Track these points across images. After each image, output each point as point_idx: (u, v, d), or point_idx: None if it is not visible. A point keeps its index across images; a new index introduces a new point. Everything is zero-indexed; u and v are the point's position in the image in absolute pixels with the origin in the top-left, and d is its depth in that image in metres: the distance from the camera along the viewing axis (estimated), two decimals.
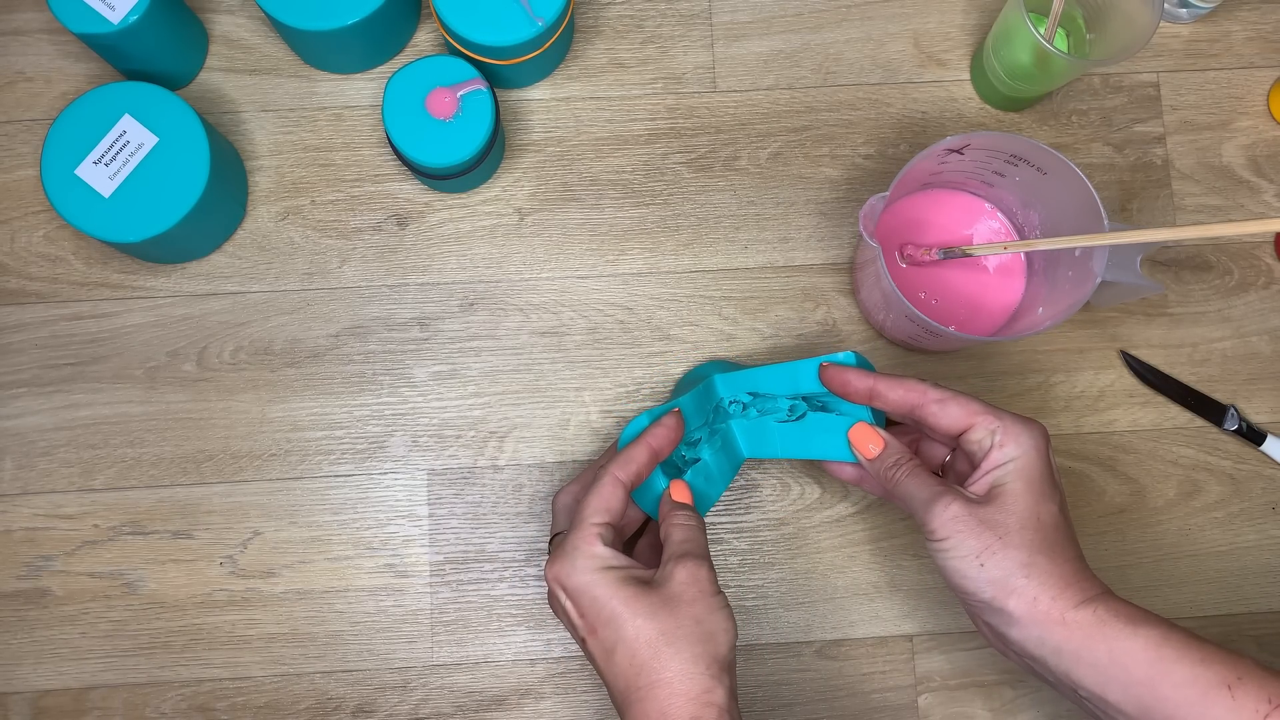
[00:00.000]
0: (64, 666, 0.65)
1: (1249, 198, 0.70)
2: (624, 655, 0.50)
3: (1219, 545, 0.68)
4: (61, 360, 0.67)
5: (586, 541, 0.52)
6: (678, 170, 0.70)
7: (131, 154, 0.62)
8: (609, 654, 0.50)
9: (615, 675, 0.50)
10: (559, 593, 0.52)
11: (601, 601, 0.50)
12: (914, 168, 0.60)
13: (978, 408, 0.53)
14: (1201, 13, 0.71)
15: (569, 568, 0.52)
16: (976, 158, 0.62)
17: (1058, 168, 0.59)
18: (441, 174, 0.64)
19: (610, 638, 0.50)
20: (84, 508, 0.66)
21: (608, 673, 0.51)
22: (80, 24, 0.61)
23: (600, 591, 0.51)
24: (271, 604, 0.65)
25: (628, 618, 0.50)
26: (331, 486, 0.66)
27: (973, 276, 0.67)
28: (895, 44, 0.71)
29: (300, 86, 0.69)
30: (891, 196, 0.60)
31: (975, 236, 0.67)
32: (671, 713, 0.48)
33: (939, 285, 0.67)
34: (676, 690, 0.49)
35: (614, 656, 0.50)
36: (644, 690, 0.49)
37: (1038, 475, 0.51)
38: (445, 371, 0.67)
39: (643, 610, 0.50)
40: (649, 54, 0.71)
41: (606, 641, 0.50)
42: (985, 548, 0.50)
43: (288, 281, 0.68)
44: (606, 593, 0.51)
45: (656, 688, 0.49)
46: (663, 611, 0.50)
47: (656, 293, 0.68)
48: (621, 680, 0.50)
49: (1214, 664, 0.47)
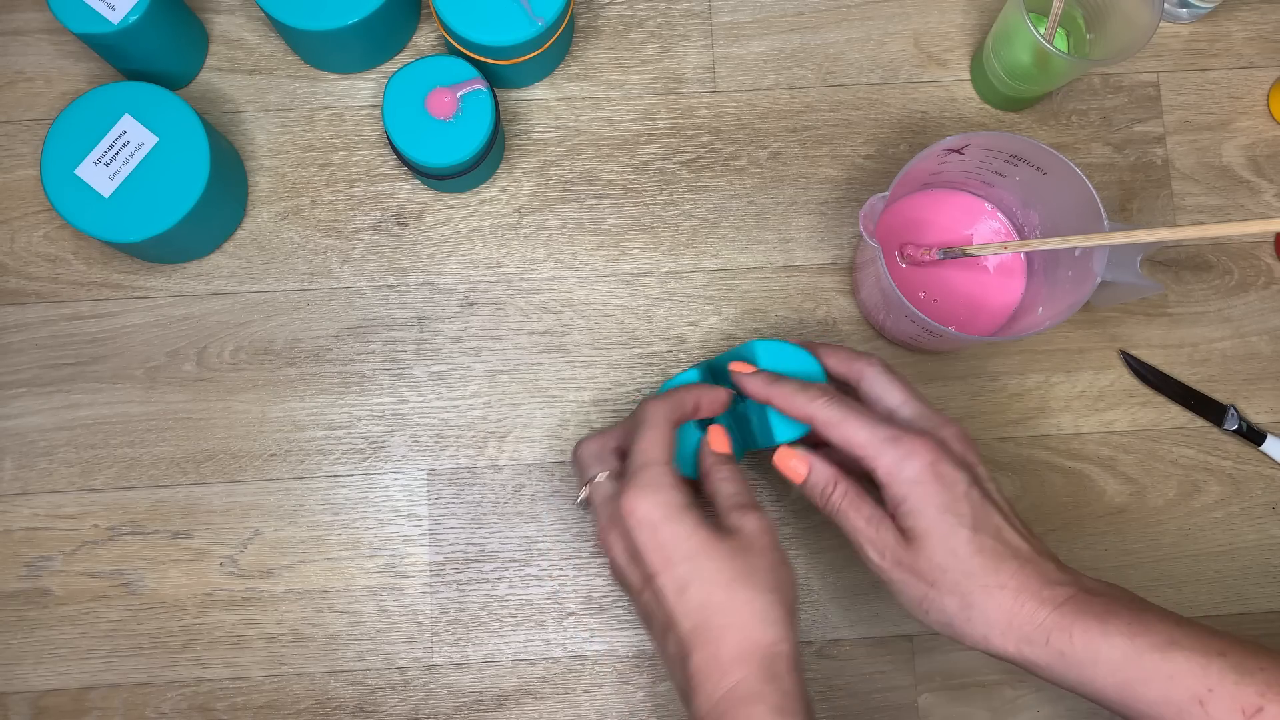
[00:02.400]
0: (64, 666, 0.65)
1: (1249, 198, 0.70)
2: (699, 593, 0.49)
3: (1219, 545, 0.68)
4: (61, 360, 0.67)
5: (667, 479, 0.51)
6: (678, 170, 0.70)
7: (131, 154, 0.62)
8: (682, 590, 0.49)
9: (686, 613, 0.49)
10: (633, 525, 0.51)
11: (682, 537, 0.50)
12: (914, 168, 0.60)
13: (862, 439, 0.51)
14: (1201, 13, 0.71)
15: (650, 501, 0.50)
16: (976, 158, 0.62)
17: (1057, 167, 0.59)
18: (441, 174, 0.64)
19: (686, 574, 0.50)
20: (84, 508, 0.66)
21: (677, 609, 0.50)
22: (80, 24, 0.61)
23: (681, 528, 0.50)
24: (271, 604, 0.65)
25: (707, 557, 0.49)
26: (331, 486, 0.66)
27: (973, 277, 0.67)
28: (895, 44, 0.71)
29: (300, 86, 0.69)
30: (891, 197, 0.60)
31: (975, 236, 0.67)
32: (745, 655, 0.48)
33: (939, 285, 0.67)
34: (750, 635, 0.49)
35: (687, 593, 0.49)
36: (717, 630, 0.49)
37: (934, 508, 0.50)
38: (445, 371, 0.67)
39: (722, 553, 0.50)
40: (649, 54, 0.71)
41: (681, 578, 0.50)
42: (923, 597, 0.50)
43: (288, 281, 0.68)
44: (687, 530, 0.50)
45: (730, 630, 0.49)
46: (739, 557, 0.50)
47: (656, 293, 0.68)
48: (691, 619, 0.49)
49: (1182, 679, 0.46)
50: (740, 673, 0.48)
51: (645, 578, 0.51)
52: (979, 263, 0.67)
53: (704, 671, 0.49)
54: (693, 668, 0.49)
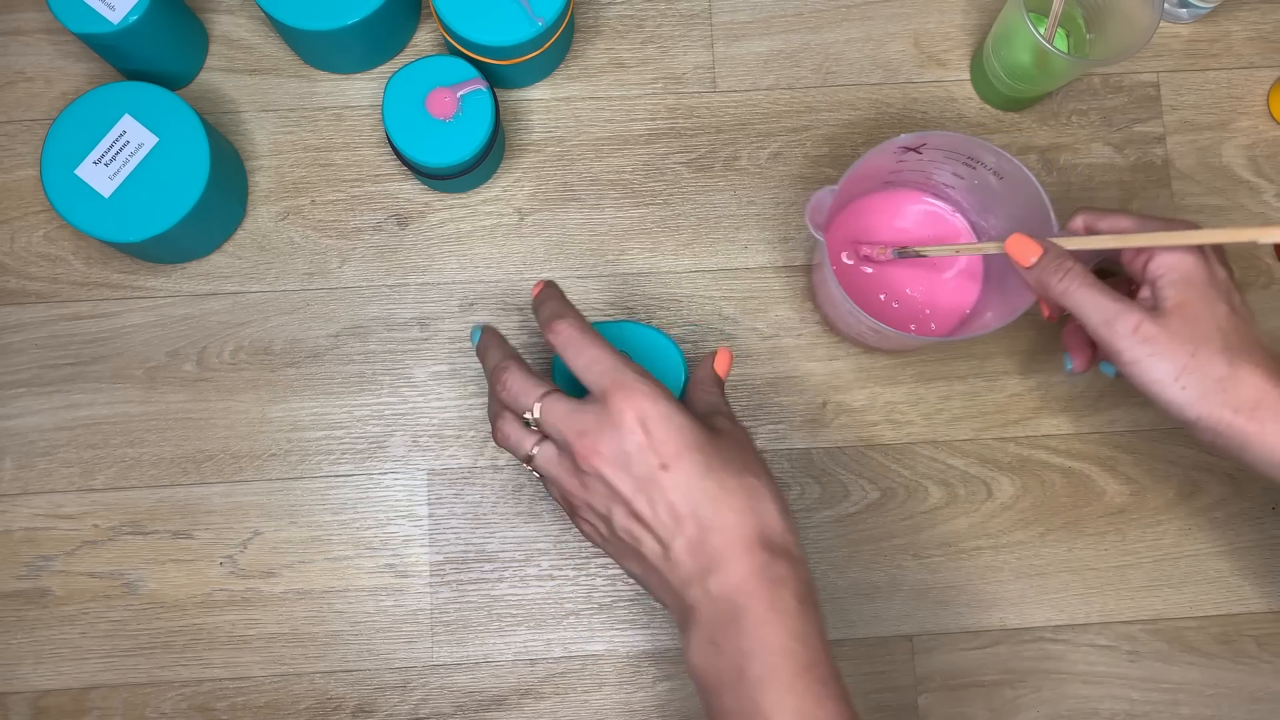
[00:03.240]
0: (64, 666, 0.65)
1: (1249, 198, 0.70)
2: (714, 481, 0.49)
3: (1219, 545, 0.68)
4: (61, 360, 0.67)
5: (651, 379, 0.51)
6: (678, 170, 0.70)
7: (131, 154, 0.62)
8: (699, 478, 0.49)
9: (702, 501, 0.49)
10: (634, 424, 0.49)
11: (689, 430, 0.49)
12: (868, 162, 0.60)
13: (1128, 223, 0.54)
14: (1201, 13, 0.71)
15: (651, 397, 0.50)
16: (934, 158, 0.62)
17: (1012, 172, 0.59)
18: (441, 174, 0.64)
19: (699, 463, 0.49)
20: (84, 508, 0.66)
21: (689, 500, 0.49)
22: (80, 24, 0.61)
23: (685, 420, 0.50)
24: (271, 604, 0.65)
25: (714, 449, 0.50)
26: (331, 486, 0.66)
27: (931, 279, 0.67)
28: (895, 44, 0.71)
29: (300, 86, 0.69)
30: (845, 192, 0.60)
31: (938, 240, 0.67)
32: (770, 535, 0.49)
33: (897, 287, 0.66)
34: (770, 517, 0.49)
35: (704, 481, 0.49)
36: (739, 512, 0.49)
37: (1201, 279, 0.51)
38: (445, 371, 0.67)
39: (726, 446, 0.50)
40: (649, 54, 0.71)
41: (694, 466, 0.49)
42: (1182, 368, 0.51)
43: (288, 281, 0.68)
44: (690, 423, 0.50)
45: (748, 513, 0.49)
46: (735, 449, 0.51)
47: (656, 293, 0.68)
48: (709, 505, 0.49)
49: None
50: (764, 556, 0.48)
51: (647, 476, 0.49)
52: (937, 266, 0.66)
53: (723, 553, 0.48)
54: (711, 550, 0.48)
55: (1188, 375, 0.51)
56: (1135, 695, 0.66)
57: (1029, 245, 0.55)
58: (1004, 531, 0.67)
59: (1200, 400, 0.51)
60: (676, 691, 0.65)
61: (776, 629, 0.47)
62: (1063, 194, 0.70)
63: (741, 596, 0.48)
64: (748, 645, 0.47)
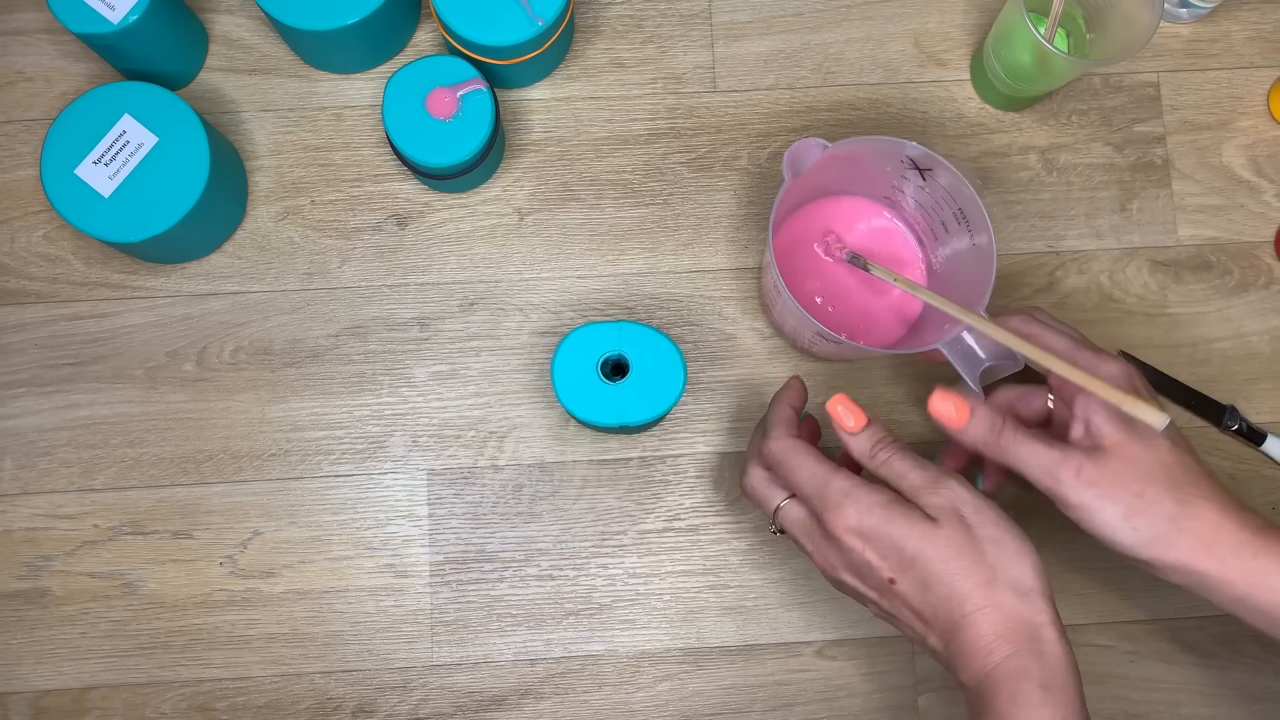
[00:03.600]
0: (64, 666, 0.65)
1: (1249, 198, 0.70)
2: (941, 588, 0.49)
3: None
4: (61, 360, 0.67)
5: (863, 486, 0.50)
6: (678, 170, 0.70)
7: (131, 154, 0.62)
8: (925, 589, 0.49)
9: (935, 608, 0.49)
10: (848, 543, 0.50)
11: (903, 540, 0.49)
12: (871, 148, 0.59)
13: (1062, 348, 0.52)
14: (1201, 13, 0.71)
15: (857, 514, 0.50)
16: (935, 193, 0.61)
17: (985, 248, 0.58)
18: (441, 174, 0.64)
19: (921, 575, 0.49)
20: (84, 508, 0.66)
21: (925, 608, 0.49)
22: (80, 24, 0.61)
23: (897, 529, 0.49)
24: (271, 604, 0.65)
25: (934, 549, 0.49)
26: (331, 486, 0.66)
27: (874, 287, 0.65)
28: (895, 44, 0.71)
29: (300, 86, 0.69)
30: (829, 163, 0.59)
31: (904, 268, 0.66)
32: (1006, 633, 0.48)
33: (836, 291, 0.65)
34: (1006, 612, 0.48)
35: (931, 590, 0.49)
36: (973, 616, 0.48)
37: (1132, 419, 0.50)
38: (445, 371, 0.67)
39: (944, 539, 0.49)
40: (649, 54, 0.71)
41: (918, 579, 0.49)
42: (1130, 509, 0.49)
43: (288, 281, 0.68)
44: (902, 530, 0.49)
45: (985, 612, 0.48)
46: (963, 537, 0.49)
47: (656, 293, 0.68)
48: (944, 613, 0.49)
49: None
50: (1003, 650, 0.48)
51: (880, 588, 0.50)
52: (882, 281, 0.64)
53: (967, 652, 0.48)
54: (956, 649, 0.49)
55: (1137, 516, 0.50)
56: (1135, 695, 0.66)
57: (957, 405, 0.52)
58: None
59: (1154, 541, 0.50)
60: (676, 691, 0.65)
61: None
62: (1064, 194, 0.70)
63: (986, 692, 0.48)
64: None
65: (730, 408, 0.68)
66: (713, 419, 0.67)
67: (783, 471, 0.53)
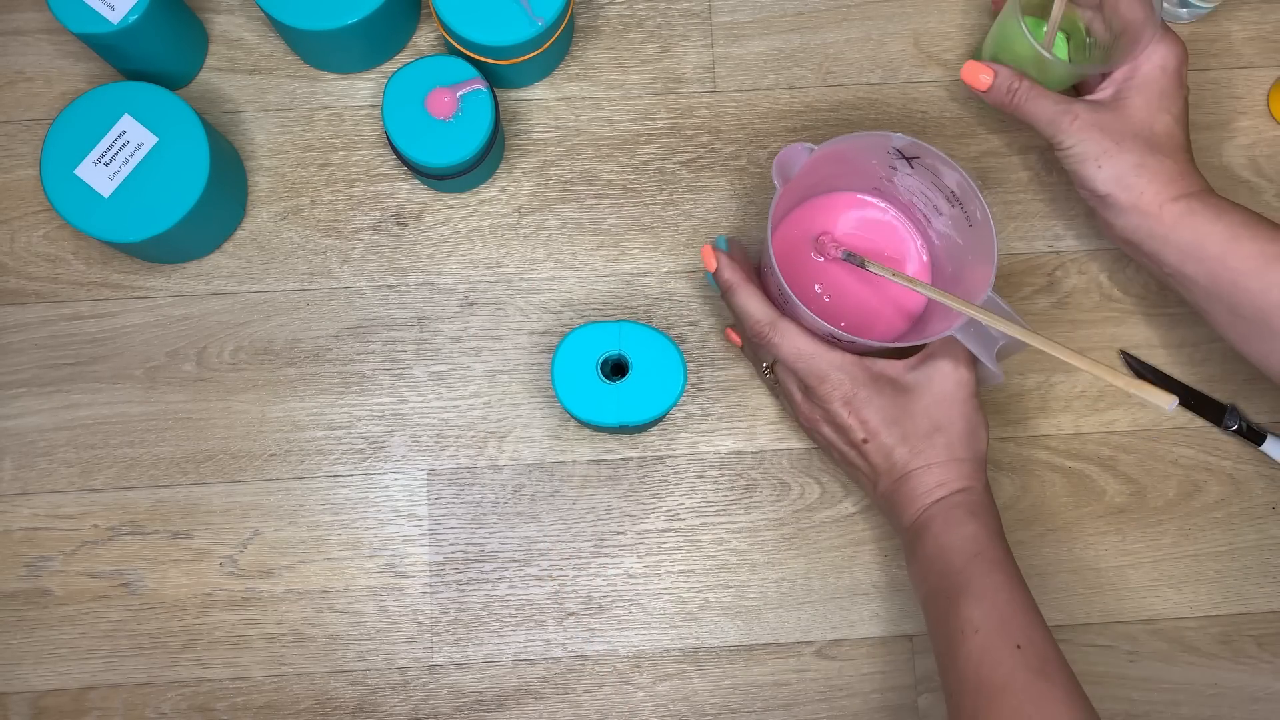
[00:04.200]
0: (64, 666, 0.65)
1: (1249, 198, 0.70)
2: (905, 448, 0.58)
3: (1219, 545, 0.68)
4: (61, 360, 0.67)
5: (853, 363, 0.59)
6: (678, 170, 0.70)
7: (131, 154, 0.62)
8: (890, 450, 0.58)
9: (893, 464, 0.59)
10: (841, 410, 0.59)
11: (885, 408, 0.58)
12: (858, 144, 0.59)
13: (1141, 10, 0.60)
14: (1201, 13, 0.71)
15: (850, 385, 0.58)
16: (924, 179, 0.61)
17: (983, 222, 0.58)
18: (441, 174, 0.64)
19: (893, 436, 0.58)
20: (84, 508, 0.66)
21: (884, 464, 0.59)
22: (80, 24, 0.61)
23: (883, 400, 0.58)
24: (271, 604, 0.65)
25: (908, 417, 0.58)
26: (331, 486, 0.66)
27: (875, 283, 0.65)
28: (895, 44, 0.71)
29: (300, 86, 0.69)
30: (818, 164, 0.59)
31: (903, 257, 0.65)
32: (943, 482, 0.58)
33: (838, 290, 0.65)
34: (949, 471, 0.58)
35: (895, 451, 0.58)
36: (920, 470, 0.58)
37: (1156, 90, 0.60)
38: (445, 371, 0.67)
39: (918, 411, 0.58)
40: (649, 54, 0.71)
41: (888, 440, 0.58)
42: (1104, 151, 0.59)
43: (287, 281, 0.68)
44: (884, 400, 0.58)
45: (932, 469, 0.58)
46: (934, 409, 0.59)
47: (656, 293, 0.68)
48: (899, 468, 0.59)
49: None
50: (939, 494, 0.58)
51: (853, 444, 0.59)
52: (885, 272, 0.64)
53: (910, 498, 0.59)
54: (900, 497, 0.59)
55: (1107, 158, 0.59)
56: (1135, 695, 0.66)
57: (984, 70, 0.63)
58: (1004, 531, 0.67)
59: (1115, 180, 0.59)
60: (676, 691, 0.65)
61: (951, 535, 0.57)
62: (1065, 194, 0.70)
63: (921, 524, 0.58)
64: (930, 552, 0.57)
65: (730, 407, 0.68)
66: (713, 419, 0.67)
67: (773, 352, 0.60)
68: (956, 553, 0.56)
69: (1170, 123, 0.60)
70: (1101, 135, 0.59)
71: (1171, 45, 0.60)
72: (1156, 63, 0.60)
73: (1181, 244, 0.58)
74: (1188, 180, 0.59)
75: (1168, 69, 0.60)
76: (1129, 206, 0.59)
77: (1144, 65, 0.60)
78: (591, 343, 0.60)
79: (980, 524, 0.57)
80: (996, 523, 0.58)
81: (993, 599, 0.55)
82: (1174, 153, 0.60)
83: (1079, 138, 0.60)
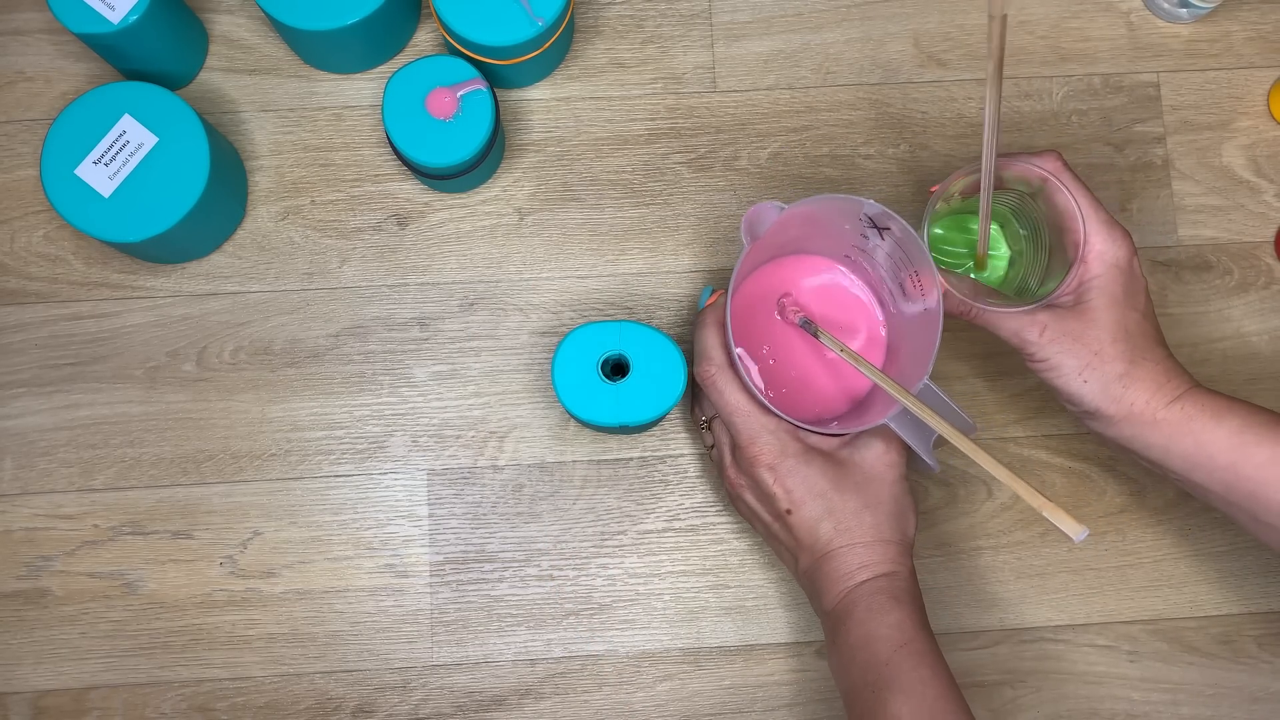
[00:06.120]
0: (64, 666, 0.65)
1: (1249, 198, 0.70)
2: (829, 524, 0.57)
3: (1219, 545, 0.68)
4: (61, 360, 0.67)
5: (786, 430, 0.58)
6: (678, 170, 0.70)
7: (131, 154, 0.62)
8: (814, 524, 0.57)
9: (816, 540, 0.57)
10: (766, 475, 0.57)
11: (812, 479, 0.57)
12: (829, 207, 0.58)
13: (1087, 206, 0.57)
14: (1201, 13, 0.71)
15: (778, 451, 0.57)
16: (894, 254, 0.59)
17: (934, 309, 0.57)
18: (441, 174, 0.64)
19: (818, 510, 0.57)
20: (84, 508, 0.66)
21: (807, 539, 0.57)
22: (80, 24, 0.61)
23: (811, 471, 0.57)
24: (271, 604, 0.65)
25: (837, 492, 0.57)
26: (331, 486, 0.66)
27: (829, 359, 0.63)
28: (895, 44, 0.71)
29: (300, 86, 0.69)
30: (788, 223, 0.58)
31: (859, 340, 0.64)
32: (869, 564, 0.56)
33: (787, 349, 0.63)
34: (874, 552, 0.56)
35: (819, 526, 0.57)
36: (844, 549, 0.57)
37: (1119, 289, 0.56)
38: (445, 371, 0.67)
39: (848, 486, 0.57)
40: (649, 54, 0.71)
41: (813, 514, 0.57)
42: (1085, 364, 0.56)
43: (288, 281, 0.68)
44: (816, 472, 0.57)
45: (857, 549, 0.57)
46: (864, 488, 0.57)
47: (656, 293, 0.68)
48: (822, 544, 0.57)
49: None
50: (863, 576, 0.56)
51: (776, 515, 0.58)
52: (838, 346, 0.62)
53: (832, 578, 0.57)
54: (822, 577, 0.57)
55: (1090, 371, 0.56)
56: (1135, 695, 0.66)
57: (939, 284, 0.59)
58: (1004, 531, 0.67)
59: (1102, 393, 0.56)
60: (676, 691, 0.65)
61: (874, 623, 0.55)
62: None
63: (844, 608, 0.57)
64: (853, 640, 0.56)
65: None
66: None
67: (712, 396, 0.59)
68: (882, 642, 0.55)
69: (1140, 320, 0.57)
70: (1077, 345, 0.56)
71: (1120, 240, 0.57)
72: (1109, 261, 0.56)
73: (1185, 453, 0.55)
74: (1175, 381, 0.56)
75: (1120, 265, 0.56)
76: (1121, 418, 0.56)
77: (1095, 266, 0.56)
78: (592, 343, 0.60)
79: (905, 612, 0.55)
80: (922, 611, 0.56)
81: (921, 694, 0.53)
82: (1153, 352, 0.56)
83: (1053, 349, 0.56)
